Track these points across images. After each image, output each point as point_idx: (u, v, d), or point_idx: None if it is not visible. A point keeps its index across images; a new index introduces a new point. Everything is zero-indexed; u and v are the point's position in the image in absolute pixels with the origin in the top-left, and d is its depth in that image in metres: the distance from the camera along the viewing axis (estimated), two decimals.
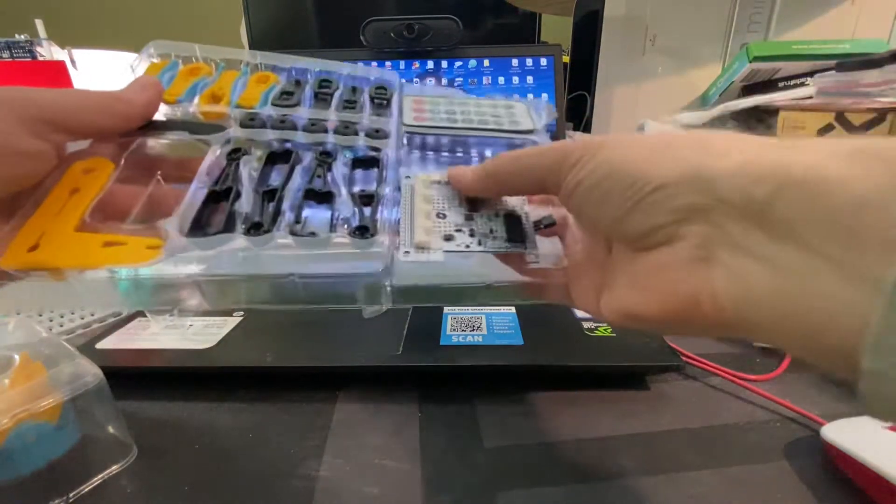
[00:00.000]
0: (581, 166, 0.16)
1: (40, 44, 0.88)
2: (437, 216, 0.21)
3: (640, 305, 0.15)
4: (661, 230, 0.14)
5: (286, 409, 0.28)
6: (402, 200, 0.21)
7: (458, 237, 0.20)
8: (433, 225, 0.20)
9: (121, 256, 0.17)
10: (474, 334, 0.32)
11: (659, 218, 0.14)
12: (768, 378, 0.30)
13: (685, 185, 0.13)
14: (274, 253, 0.18)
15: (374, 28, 0.53)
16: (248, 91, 0.25)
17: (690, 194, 0.13)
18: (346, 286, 0.19)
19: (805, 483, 0.22)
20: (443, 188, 0.22)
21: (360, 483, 0.22)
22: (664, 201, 0.14)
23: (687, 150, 0.14)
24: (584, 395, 0.28)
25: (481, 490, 0.22)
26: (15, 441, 0.20)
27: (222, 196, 0.20)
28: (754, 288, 0.12)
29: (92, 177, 0.20)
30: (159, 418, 0.27)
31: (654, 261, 0.15)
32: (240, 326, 0.34)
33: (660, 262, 0.14)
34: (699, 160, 0.13)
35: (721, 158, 0.13)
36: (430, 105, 0.28)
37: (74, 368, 0.22)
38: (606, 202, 0.15)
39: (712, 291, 0.13)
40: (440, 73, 0.55)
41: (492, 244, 0.20)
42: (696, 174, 0.13)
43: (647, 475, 0.23)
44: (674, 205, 0.14)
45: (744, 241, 0.12)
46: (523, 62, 0.55)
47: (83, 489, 0.22)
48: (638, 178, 0.14)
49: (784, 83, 0.52)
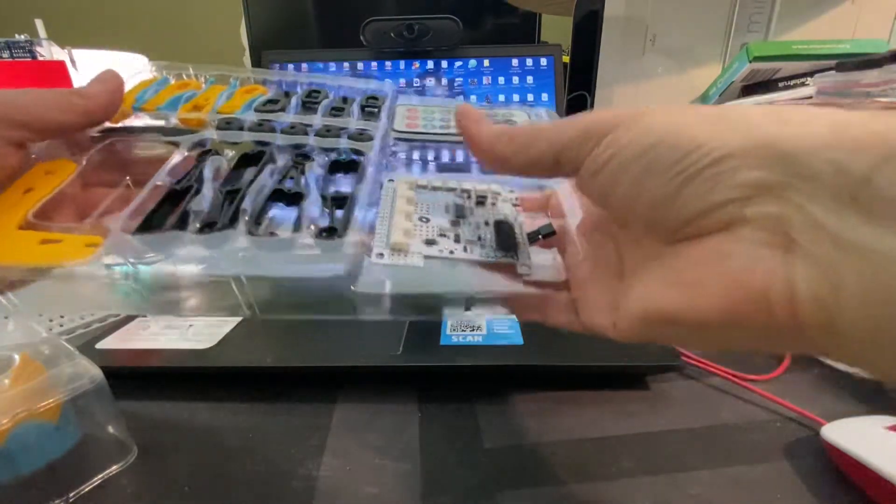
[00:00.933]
0: (614, 139, 0.13)
1: (40, 44, 0.87)
2: (420, 219, 0.19)
3: (681, 304, 0.12)
4: (721, 210, 0.12)
5: (286, 409, 0.28)
6: (382, 202, 0.20)
7: (442, 242, 0.18)
8: (413, 227, 0.19)
9: (56, 254, 0.17)
10: (474, 334, 0.32)
11: (721, 194, 0.11)
12: (768, 378, 0.30)
13: (756, 156, 0.11)
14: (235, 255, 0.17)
15: (374, 28, 0.53)
16: (232, 100, 0.24)
17: (763, 168, 0.11)
18: (305, 292, 0.17)
19: (805, 483, 0.22)
20: (428, 193, 0.21)
21: (360, 483, 0.22)
22: (728, 175, 0.11)
23: (758, 117, 0.12)
24: (584, 395, 0.28)
25: (481, 490, 0.22)
26: (15, 441, 0.20)
27: (182, 195, 0.19)
28: (846, 284, 0.10)
29: (50, 177, 0.20)
30: (159, 418, 0.27)
31: (708, 249, 0.12)
32: (240, 326, 0.34)
33: (716, 250, 0.12)
34: (775, 129, 0.11)
35: (802, 127, 0.11)
36: (424, 113, 0.27)
37: (74, 368, 0.22)
38: (649, 177, 0.13)
39: (790, 287, 0.11)
40: (440, 73, 0.55)
41: (479, 252, 0.18)
42: (771, 144, 0.11)
43: (647, 475, 0.23)
44: (741, 179, 0.11)
45: (833, 225, 0.10)
46: (523, 62, 0.55)
47: (83, 489, 0.22)
48: (694, 148, 0.12)
49: (784, 83, 0.52)
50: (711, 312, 0.12)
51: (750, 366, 0.32)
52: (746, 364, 0.32)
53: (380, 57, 0.54)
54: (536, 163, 0.16)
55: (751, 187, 0.11)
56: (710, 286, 0.12)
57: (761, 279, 0.11)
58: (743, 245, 0.11)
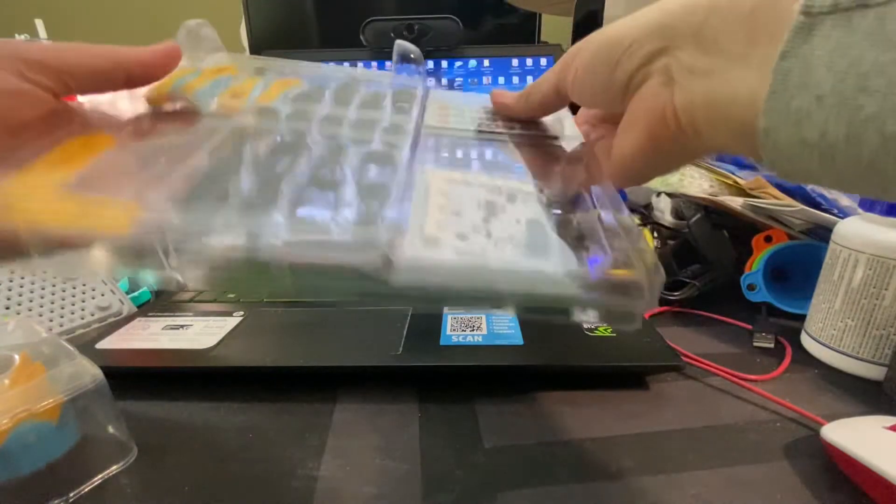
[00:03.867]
0: (576, 59, 0.20)
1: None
2: (452, 213, 0.19)
3: (630, 142, 0.19)
4: (638, 73, 0.18)
5: (286, 409, 0.28)
6: (415, 195, 0.20)
7: (473, 238, 0.18)
8: (446, 220, 0.19)
9: (96, 221, 0.17)
10: (474, 334, 0.32)
11: (634, 63, 0.18)
12: (768, 378, 0.30)
13: (651, 35, 0.17)
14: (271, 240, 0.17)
15: (374, 28, 0.53)
16: (269, 91, 0.25)
17: (655, 41, 0.17)
18: (338, 278, 0.18)
19: (805, 483, 0.22)
20: (461, 187, 0.21)
21: (360, 483, 0.22)
22: (637, 52, 0.18)
23: (651, 11, 0.18)
24: (584, 395, 0.28)
25: (481, 490, 0.22)
26: (15, 441, 0.20)
27: (222, 174, 0.20)
28: (695, 94, 0.16)
29: (88, 149, 0.20)
30: (159, 418, 0.27)
31: (635, 100, 0.19)
32: (240, 326, 0.34)
33: (639, 97, 0.18)
34: (657, 14, 0.17)
35: (674, 6, 0.17)
36: (455, 110, 0.27)
37: (74, 368, 0.22)
38: (597, 71, 0.19)
39: (672, 105, 0.17)
40: (440, 73, 0.55)
41: (511, 251, 0.18)
42: (657, 25, 0.17)
43: (647, 475, 0.23)
44: (644, 51, 0.17)
45: (689, 62, 0.16)
46: (523, 62, 0.55)
47: (83, 489, 0.22)
48: (615, 43, 0.18)
49: None
50: (643, 139, 0.18)
51: (750, 366, 0.32)
52: (746, 364, 0.32)
53: (380, 57, 0.54)
54: (546, 99, 0.24)
55: (651, 54, 0.17)
56: (637, 122, 0.19)
57: (660, 105, 0.17)
58: (650, 89, 0.18)
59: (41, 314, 0.36)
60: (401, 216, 0.19)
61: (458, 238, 0.18)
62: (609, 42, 0.19)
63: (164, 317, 0.35)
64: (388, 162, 0.22)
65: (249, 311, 0.36)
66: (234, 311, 0.36)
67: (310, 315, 0.36)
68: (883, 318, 0.29)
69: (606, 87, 0.19)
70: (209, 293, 0.40)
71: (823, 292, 0.32)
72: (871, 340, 0.30)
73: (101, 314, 0.39)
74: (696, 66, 0.16)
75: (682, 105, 0.17)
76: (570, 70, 0.21)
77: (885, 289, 0.29)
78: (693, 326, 0.37)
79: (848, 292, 0.31)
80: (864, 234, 0.30)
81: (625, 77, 0.18)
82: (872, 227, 0.30)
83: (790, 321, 0.37)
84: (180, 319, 0.35)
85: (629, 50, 0.18)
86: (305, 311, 0.36)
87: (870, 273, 0.29)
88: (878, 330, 0.30)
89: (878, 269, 0.29)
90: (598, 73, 0.19)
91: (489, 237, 0.19)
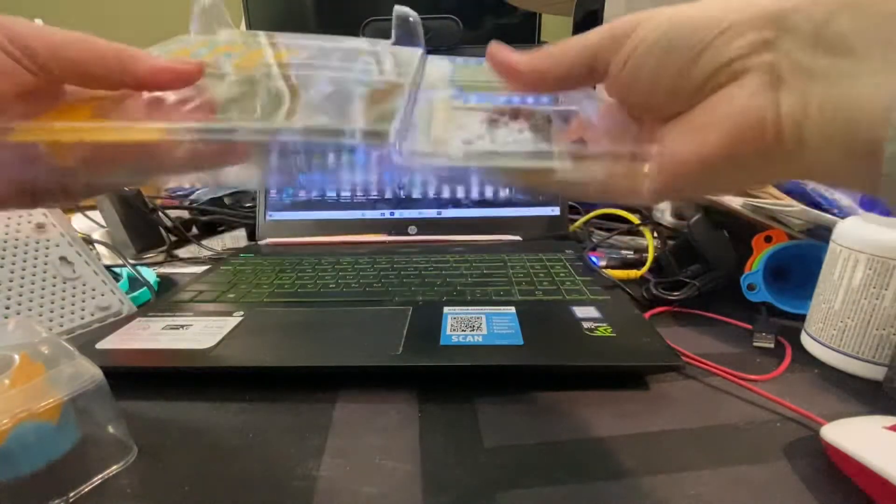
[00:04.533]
0: (636, 34, 0.16)
1: None
2: (457, 128, 0.20)
3: (701, 148, 0.15)
4: (730, 66, 0.15)
5: (286, 409, 0.28)
6: (419, 117, 0.20)
7: (479, 143, 0.19)
8: (453, 128, 0.19)
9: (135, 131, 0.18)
10: (474, 334, 0.32)
11: (729, 53, 0.15)
12: (768, 378, 0.30)
13: (754, 22, 0.14)
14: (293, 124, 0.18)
15: (374, 28, 0.53)
16: (276, 56, 0.25)
17: (759, 29, 0.14)
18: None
19: (805, 483, 0.22)
20: (465, 112, 0.21)
21: (360, 483, 0.22)
22: (734, 39, 0.14)
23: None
24: (584, 395, 0.28)
25: (481, 490, 0.22)
26: (15, 441, 0.20)
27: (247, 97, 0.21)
28: (811, 100, 0.13)
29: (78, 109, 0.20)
30: (159, 418, 0.27)
31: (718, 97, 0.15)
32: (240, 326, 0.34)
33: (725, 95, 0.15)
34: (766, 1, 0.15)
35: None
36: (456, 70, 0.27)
37: (74, 368, 0.22)
38: (671, 54, 0.15)
39: (775, 111, 0.14)
40: None
41: (515, 147, 0.19)
42: (765, 12, 0.14)
43: (647, 475, 0.23)
44: (744, 41, 0.14)
45: (807, 62, 0.13)
46: None
47: (83, 489, 0.22)
48: (704, 25, 0.15)
49: None
50: (718, 147, 0.15)
51: (750, 366, 0.32)
52: (746, 364, 0.32)
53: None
54: (572, 71, 0.18)
55: (752, 45, 0.14)
56: (717, 124, 0.15)
57: (759, 109, 0.14)
58: (746, 88, 0.14)
59: (41, 314, 0.36)
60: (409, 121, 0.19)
61: (464, 143, 0.19)
62: (693, 22, 0.15)
63: (164, 317, 0.35)
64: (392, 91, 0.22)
65: (249, 311, 0.36)
66: (234, 311, 0.36)
67: (310, 315, 0.36)
68: (883, 318, 0.29)
69: (679, 76, 0.15)
70: (209, 293, 0.40)
71: (823, 292, 0.32)
72: (871, 340, 0.30)
73: (101, 314, 0.39)
74: (816, 68, 0.13)
75: (791, 112, 0.14)
76: (625, 46, 0.16)
77: (885, 289, 0.29)
78: (693, 326, 0.37)
79: (848, 292, 0.31)
80: (864, 234, 0.30)
81: (710, 68, 0.15)
82: (872, 227, 0.30)
83: (790, 321, 0.37)
84: (180, 319, 0.35)
85: (724, 35, 0.14)
86: (305, 311, 0.36)
87: (870, 273, 0.29)
88: (878, 330, 0.30)
89: (878, 269, 0.29)
90: (672, 56, 0.15)
91: (493, 143, 0.19)
